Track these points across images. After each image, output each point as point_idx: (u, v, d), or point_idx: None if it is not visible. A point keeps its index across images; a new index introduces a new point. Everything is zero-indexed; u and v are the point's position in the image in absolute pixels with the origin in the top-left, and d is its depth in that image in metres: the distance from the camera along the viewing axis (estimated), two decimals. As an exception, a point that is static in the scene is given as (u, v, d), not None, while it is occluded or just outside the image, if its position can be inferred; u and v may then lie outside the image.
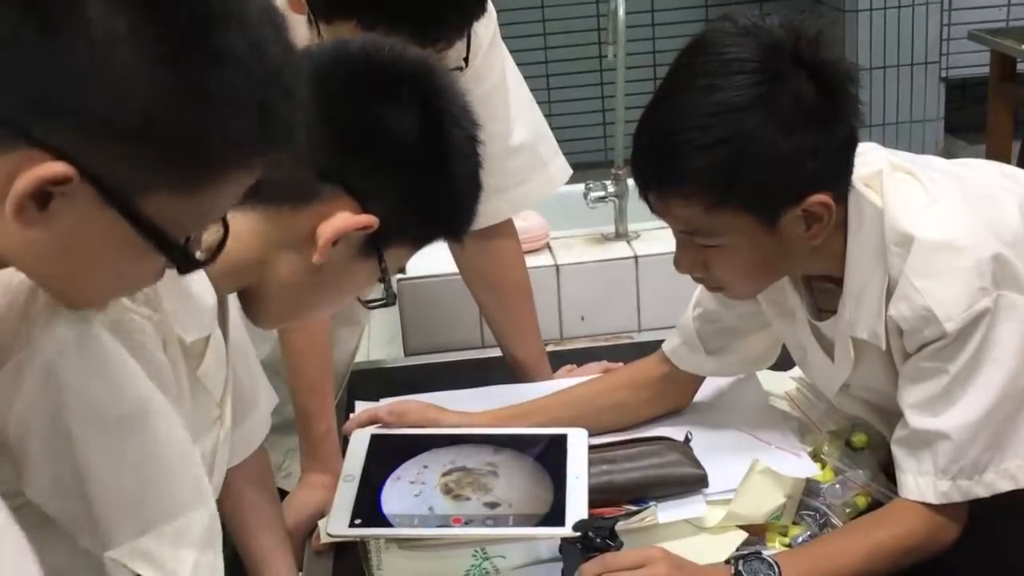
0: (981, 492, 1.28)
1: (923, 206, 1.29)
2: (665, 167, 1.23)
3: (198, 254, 0.89)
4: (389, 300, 1.18)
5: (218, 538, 1.08)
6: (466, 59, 1.57)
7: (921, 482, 1.29)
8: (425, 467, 1.43)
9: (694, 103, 1.22)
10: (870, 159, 1.32)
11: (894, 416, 1.35)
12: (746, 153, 1.20)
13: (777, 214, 1.24)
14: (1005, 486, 1.28)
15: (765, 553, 1.29)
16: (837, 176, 1.27)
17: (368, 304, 1.23)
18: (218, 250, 0.94)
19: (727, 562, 1.27)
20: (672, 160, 1.22)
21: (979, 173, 1.42)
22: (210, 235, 0.94)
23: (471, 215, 1.19)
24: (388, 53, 1.13)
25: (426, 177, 1.11)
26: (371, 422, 1.57)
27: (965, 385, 1.27)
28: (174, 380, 1.05)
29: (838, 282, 1.35)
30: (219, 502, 1.26)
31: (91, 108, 0.77)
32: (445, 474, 1.41)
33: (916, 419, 1.30)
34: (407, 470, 1.42)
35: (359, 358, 2.02)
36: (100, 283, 0.91)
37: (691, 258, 1.32)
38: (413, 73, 1.13)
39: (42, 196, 0.78)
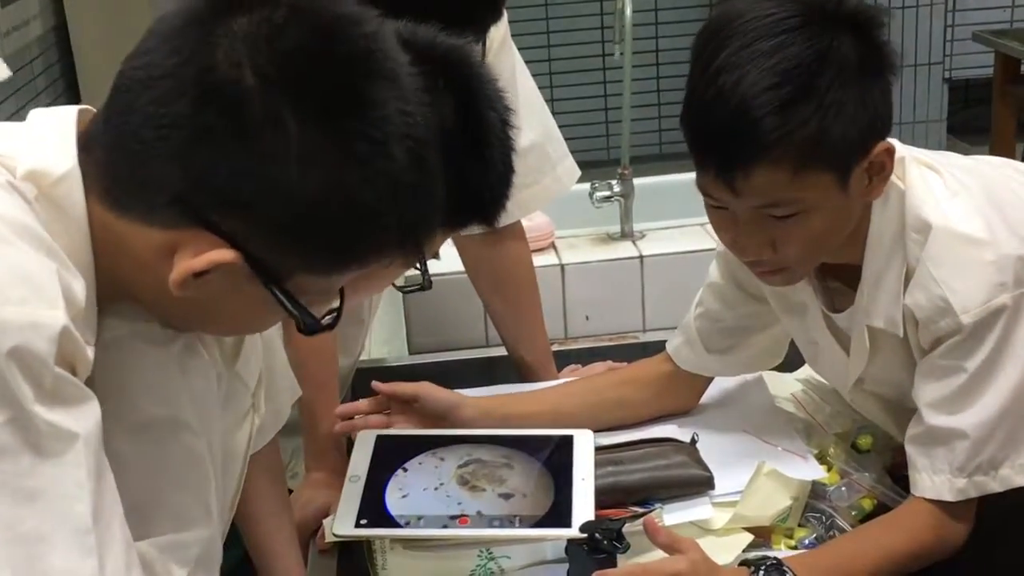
0: (996, 487, 1.28)
1: (945, 197, 1.29)
2: (748, 135, 1.18)
3: (323, 319, 0.98)
4: (425, 284, 1.18)
5: (216, 562, 1.09)
6: (482, 55, 1.57)
7: (937, 480, 1.29)
8: (442, 460, 1.42)
9: (760, 66, 1.18)
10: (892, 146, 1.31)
11: (906, 413, 1.35)
12: (825, 107, 1.18)
13: (850, 170, 1.23)
14: (1020, 480, 1.28)
15: (777, 555, 1.28)
16: (889, 126, 1.26)
17: (403, 289, 1.22)
18: (339, 314, 1.01)
19: (744, 564, 1.26)
20: (756, 127, 1.18)
21: (993, 167, 1.42)
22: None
23: (504, 199, 1.20)
24: (422, 38, 1.13)
25: (463, 162, 1.12)
26: (369, 408, 1.57)
27: (983, 383, 1.26)
28: (216, 394, 1.08)
29: (850, 280, 1.35)
30: None
31: (263, 204, 0.88)
32: (461, 466, 1.41)
33: (933, 417, 1.29)
34: (425, 461, 1.42)
35: (362, 357, 2.01)
36: (220, 330, 1.06)
37: (760, 239, 1.27)
38: (447, 58, 1.14)
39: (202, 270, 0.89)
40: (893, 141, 1.30)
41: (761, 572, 1.23)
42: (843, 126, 1.19)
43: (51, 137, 0.94)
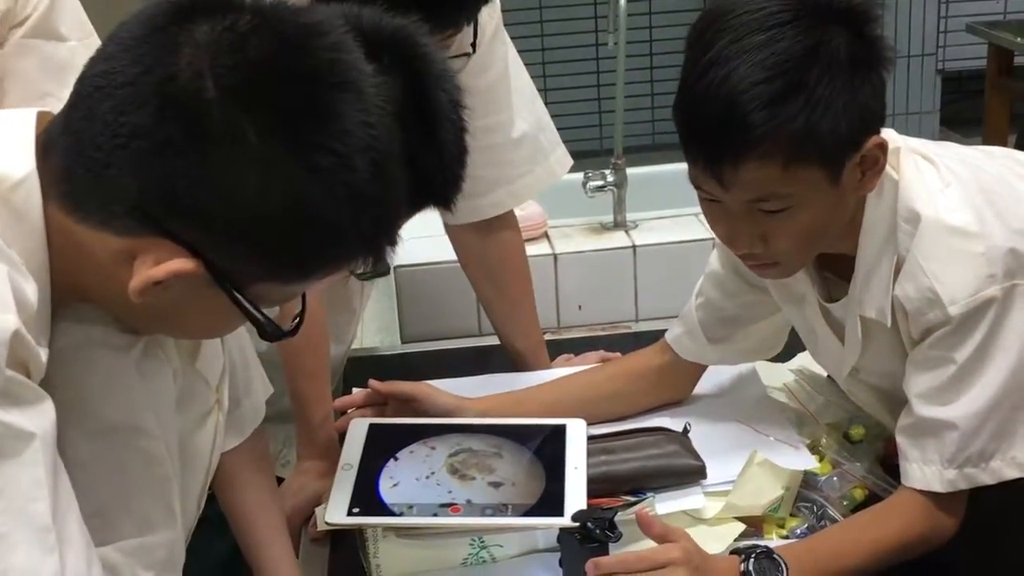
0: (987, 479, 1.28)
1: (937, 188, 1.29)
2: (737, 130, 1.18)
3: (285, 325, 0.98)
4: (383, 271, 1.16)
5: (180, 563, 1.11)
6: (474, 44, 1.56)
7: (927, 471, 1.29)
8: (433, 448, 1.42)
9: (750, 61, 1.18)
10: (888, 137, 1.30)
11: (901, 404, 1.35)
12: (814, 102, 1.18)
13: (842, 165, 1.23)
14: (1011, 474, 1.28)
15: (768, 544, 1.28)
16: (882, 120, 1.26)
17: (362, 276, 1.22)
18: (300, 321, 1.02)
19: (735, 553, 1.27)
20: (745, 120, 1.18)
21: (992, 157, 1.42)
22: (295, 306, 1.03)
23: (459, 180, 1.19)
24: (367, 20, 1.12)
25: (413, 144, 1.10)
26: (365, 402, 1.58)
27: (972, 374, 1.26)
28: (173, 395, 1.08)
29: (845, 271, 1.35)
30: (217, 487, 1.28)
31: (222, 215, 0.87)
32: (452, 455, 1.41)
33: (922, 408, 1.29)
34: (416, 450, 1.42)
35: (354, 346, 2.01)
36: (182, 334, 1.05)
37: (751, 232, 1.27)
38: (394, 39, 1.13)
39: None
40: (889, 131, 1.31)
41: (751, 561, 1.24)
42: (833, 121, 1.19)
43: (9, 141, 0.93)
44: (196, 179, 0.86)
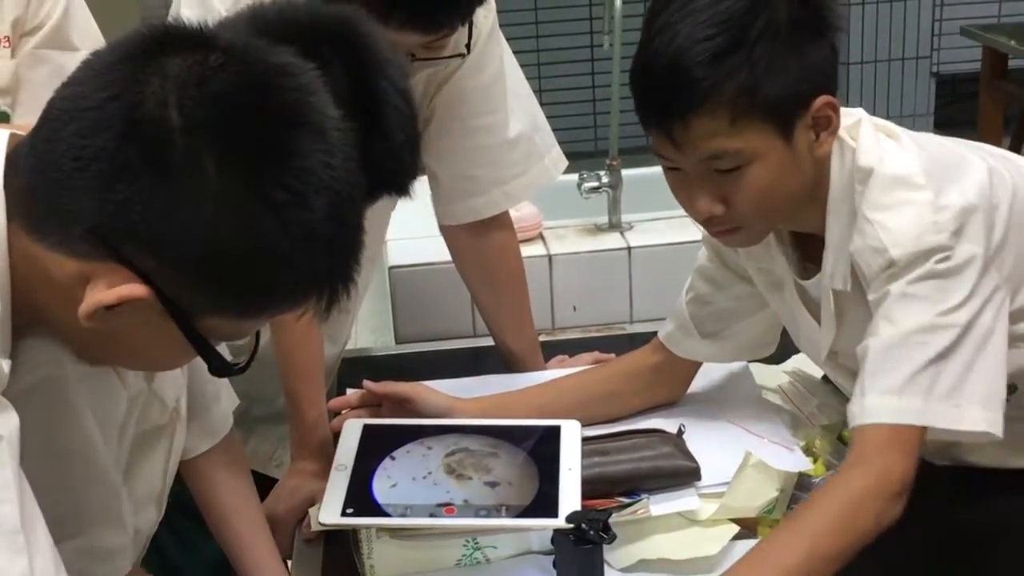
0: (934, 422, 1.20)
1: (890, 149, 1.31)
2: (684, 86, 1.23)
3: (233, 360, 0.99)
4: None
5: (124, 569, 1.16)
6: (468, 45, 1.56)
7: (866, 402, 1.23)
8: (429, 448, 1.42)
9: (696, 20, 1.23)
10: (853, 112, 1.35)
11: None
12: (755, 58, 1.22)
13: (791, 122, 1.26)
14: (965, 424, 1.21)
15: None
16: (833, 83, 1.29)
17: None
18: (251, 358, 1.02)
19: None
20: (689, 76, 1.22)
21: (958, 142, 1.42)
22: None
23: (412, 167, 1.20)
24: (305, 13, 1.13)
25: (360, 132, 1.10)
26: (360, 403, 1.58)
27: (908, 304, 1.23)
28: (122, 414, 1.11)
29: (819, 250, 1.35)
30: (194, 492, 1.34)
31: (175, 244, 0.88)
32: (448, 455, 1.41)
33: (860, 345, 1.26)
34: (412, 450, 1.42)
35: (348, 346, 2.01)
36: (131, 365, 1.05)
37: (710, 193, 1.29)
38: (334, 28, 1.13)
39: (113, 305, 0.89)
40: (857, 109, 1.35)
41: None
42: (775, 78, 1.23)
43: None
44: (151, 206, 0.87)
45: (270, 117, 0.89)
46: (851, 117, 1.34)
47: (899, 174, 1.28)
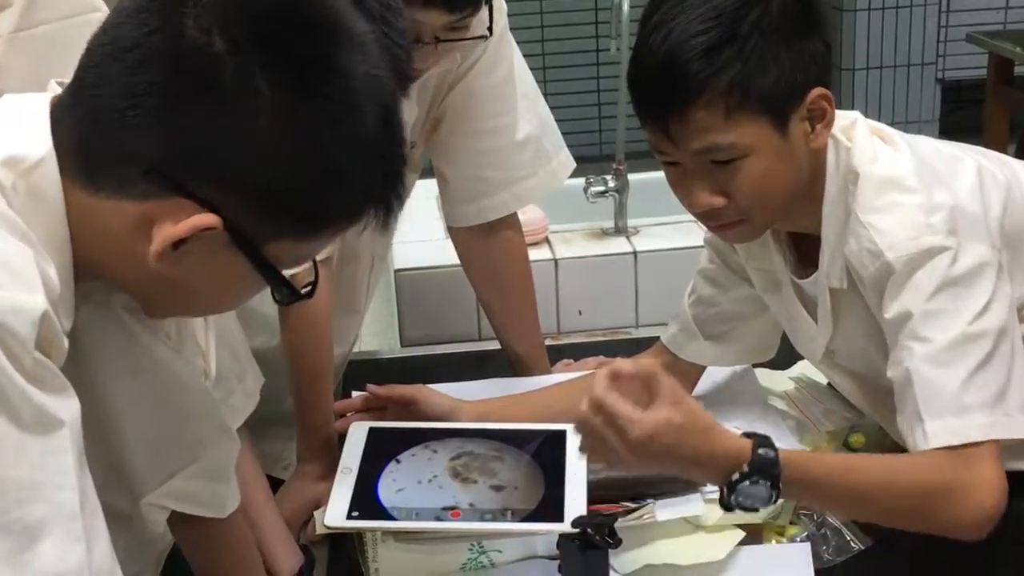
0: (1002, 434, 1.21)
1: (883, 151, 1.32)
2: (678, 81, 1.25)
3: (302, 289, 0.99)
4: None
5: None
6: (490, 28, 1.57)
7: (920, 428, 1.22)
8: (435, 452, 1.42)
9: (690, 16, 1.26)
10: (850, 114, 1.36)
11: (879, 391, 1.34)
12: (748, 52, 1.25)
13: (786, 115, 1.28)
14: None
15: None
16: (827, 75, 1.31)
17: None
18: (314, 287, 1.02)
19: (746, 435, 1.22)
20: (683, 70, 1.25)
21: (952, 145, 1.43)
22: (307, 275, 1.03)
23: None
24: None
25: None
26: (364, 406, 1.58)
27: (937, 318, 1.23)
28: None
29: (816, 250, 1.36)
30: None
31: (238, 168, 0.88)
32: (454, 458, 1.41)
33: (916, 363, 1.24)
34: (417, 453, 1.42)
35: (353, 349, 2.01)
36: (193, 308, 1.05)
37: (707, 186, 1.30)
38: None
39: (182, 239, 0.89)
40: (854, 112, 1.37)
41: (760, 452, 1.19)
42: (768, 70, 1.25)
43: (25, 122, 0.93)
44: (210, 133, 0.87)
45: (312, 32, 0.90)
46: (847, 118, 1.36)
47: (891, 176, 1.29)
